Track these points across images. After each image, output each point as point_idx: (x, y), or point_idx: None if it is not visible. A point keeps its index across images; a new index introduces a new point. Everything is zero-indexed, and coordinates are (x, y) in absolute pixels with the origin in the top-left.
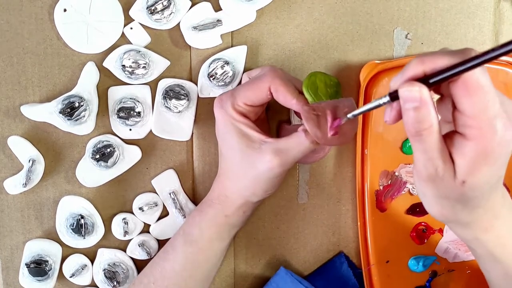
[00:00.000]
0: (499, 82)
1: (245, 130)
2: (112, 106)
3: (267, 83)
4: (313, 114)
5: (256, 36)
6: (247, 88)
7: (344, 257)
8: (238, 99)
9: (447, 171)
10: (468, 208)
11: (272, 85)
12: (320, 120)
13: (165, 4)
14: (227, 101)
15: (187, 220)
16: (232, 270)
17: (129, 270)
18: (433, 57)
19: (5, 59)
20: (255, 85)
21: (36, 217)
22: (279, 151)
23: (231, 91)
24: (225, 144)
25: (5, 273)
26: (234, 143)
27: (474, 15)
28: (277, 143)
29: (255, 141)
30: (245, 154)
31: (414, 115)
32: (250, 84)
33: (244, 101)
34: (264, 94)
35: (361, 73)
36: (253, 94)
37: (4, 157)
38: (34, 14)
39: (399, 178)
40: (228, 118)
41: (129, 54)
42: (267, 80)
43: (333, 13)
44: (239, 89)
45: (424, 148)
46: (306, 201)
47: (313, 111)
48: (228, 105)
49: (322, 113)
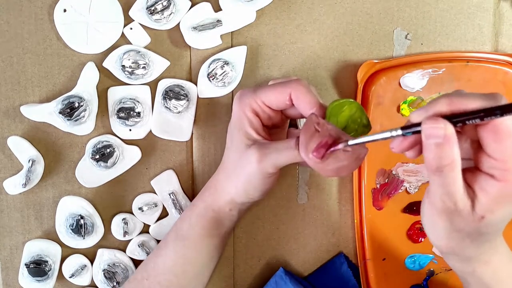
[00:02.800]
0: (498, 81)
1: (245, 126)
2: (112, 107)
3: (289, 88)
4: (314, 126)
5: (256, 37)
6: (269, 88)
7: (344, 257)
8: (258, 96)
9: (466, 205)
10: (477, 243)
11: (294, 91)
12: (315, 136)
13: (165, 4)
14: (248, 95)
15: (181, 214)
16: (231, 271)
17: (129, 271)
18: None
19: (5, 59)
20: (278, 87)
21: (35, 217)
22: (266, 152)
23: (254, 88)
24: (229, 137)
25: (4, 273)
26: (234, 138)
27: (474, 16)
28: (267, 145)
29: (250, 139)
30: (239, 150)
31: (436, 151)
32: (274, 85)
33: (263, 99)
34: (284, 98)
35: (359, 72)
36: (273, 95)
37: (4, 157)
38: (34, 14)
39: (396, 177)
40: (241, 112)
41: (129, 55)
42: (290, 85)
43: (333, 14)
44: (262, 87)
45: (444, 182)
46: (305, 201)
47: (316, 124)
48: (246, 99)
49: (322, 132)
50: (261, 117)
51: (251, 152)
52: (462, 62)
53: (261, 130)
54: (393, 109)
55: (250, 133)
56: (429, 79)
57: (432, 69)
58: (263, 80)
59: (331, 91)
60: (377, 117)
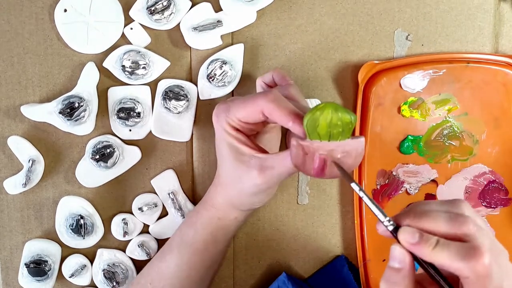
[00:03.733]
0: (498, 83)
1: (235, 144)
2: (112, 107)
3: (259, 107)
4: (300, 151)
5: (256, 37)
6: (241, 106)
7: (344, 259)
8: (232, 114)
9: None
10: None
11: (265, 109)
12: (307, 160)
13: (165, 4)
14: (222, 113)
15: (185, 220)
16: (231, 271)
17: (129, 271)
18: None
19: (6, 59)
20: (248, 105)
21: (35, 217)
22: (265, 167)
23: (228, 104)
24: (219, 152)
25: (4, 273)
26: (225, 154)
27: (474, 17)
28: (265, 159)
29: (245, 155)
30: (234, 166)
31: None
32: (244, 102)
33: (238, 117)
34: (257, 116)
35: (360, 73)
36: (246, 113)
37: (4, 157)
38: (35, 14)
39: (397, 178)
40: (222, 130)
41: (129, 55)
42: (259, 103)
43: (334, 14)
44: (234, 103)
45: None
46: (306, 202)
47: (302, 149)
48: (222, 118)
49: (310, 154)
50: (244, 131)
51: (251, 169)
52: (463, 63)
53: (250, 143)
54: (394, 110)
55: (241, 148)
56: (429, 80)
57: (432, 70)
58: None
59: (331, 92)
60: (378, 118)
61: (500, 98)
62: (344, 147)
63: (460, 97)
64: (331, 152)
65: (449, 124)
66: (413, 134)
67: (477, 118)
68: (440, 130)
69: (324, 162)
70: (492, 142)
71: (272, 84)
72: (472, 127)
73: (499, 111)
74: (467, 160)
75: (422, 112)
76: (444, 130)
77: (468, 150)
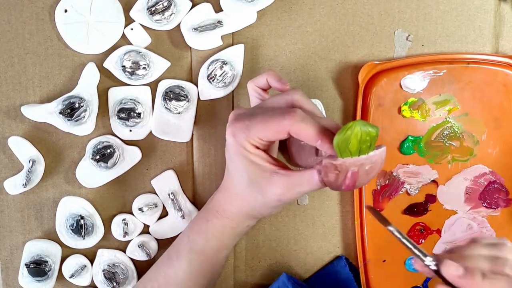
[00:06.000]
0: (499, 83)
1: (255, 159)
2: (112, 107)
3: (285, 128)
4: (334, 171)
5: (256, 37)
6: (263, 127)
7: (345, 260)
8: (253, 134)
9: None
10: None
11: (292, 130)
12: (339, 176)
13: (166, 5)
14: (241, 133)
15: (192, 226)
16: (232, 272)
17: (129, 271)
18: None
19: (6, 59)
20: (272, 126)
21: (36, 218)
22: (292, 185)
23: (247, 123)
24: (233, 165)
25: (4, 273)
26: (242, 169)
27: (474, 17)
28: (288, 177)
29: (266, 171)
30: (253, 181)
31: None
32: (267, 122)
33: (259, 136)
34: (281, 135)
35: (360, 74)
36: (269, 133)
37: (4, 157)
38: (35, 15)
39: (397, 178)
40: (240, 148)
41: (130, 55)
42: (285, 124)
43: (334, 15)
44: (255, 123)
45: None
46: (306, 203)
47: (335, 168)
48: (241, 137)
49: (343, 172)
50: (263, 149)
51: (273, 185)
52: (463, 63)
53: (270, 159)
54: (394, 111)
55: (263, 165)
56: (430, 80)
57: (433, 71)
58: None
59: (332, 92)
60: (378, 118)
61: (501, 99)
62: (371, 159)
63: (460, 98)
64: (361, 166)
65: (449, 124)
66: (414, 134)
67: (478, 119)
68: (440, 130)
69: (356, 176)
70: (493, 143)
71: (266, 87)
72: (472, 127)
73: (500, 112)
74: (467, 161)
75: (422, 113)
76: (444, 131)
77: (468, 150)
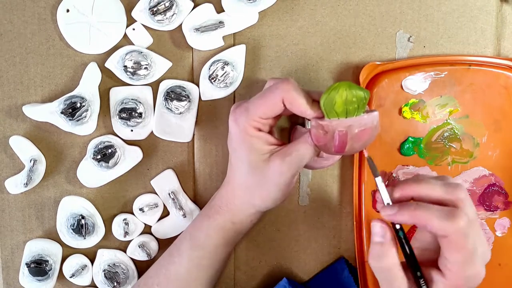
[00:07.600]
0: (500, 86)
1: (256, 144)
2: (114, 107)
3: (279, 96)
4: (321, 131)
5: (258, 38)
6: (260, 103)
7: (345, 262)
8: (252, 113)
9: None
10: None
11: (286, 97)
12: (327, 138)
13: (168, 5)
14: (241, 116)
15: (193, 223)
16: (232, 272)
17: (129, 271)
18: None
19: (8, 59)
20: (268, 99)
21: (37, 217)
22: (287, 154)
23: (245, 105)
24: (235, 155)
25: (5, 273)
26: (244, 157)
27: (476, 19)
28: (284, 149)
29: (265, 154)
30: (254, 167)
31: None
32: (263, 97)
33: (259, 115)
34: (278, 107)
35: (361, 74)
36: (267, 108)
37: (6, 156)
38: (37, 14)
39: (397, 179)
40: (242, 133)
41: (131, 55)
42: (280, 92)
43: (336, 16)
44: (253, 103)
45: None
46: (307, 203)
47: (322, 128)
48: (242, 121)
49: (330, 132)
50: (264, 129)
51: (273, 163)
52: (464, 65)
53: (272, 139)
54: (395, 112)
55: (263, 148)
56: (431, 82)
57: (434, 72)
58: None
59: None
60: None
61: (502, 101)
62: (360, 122)
63: (461, 100)
64: (349, 128)
65: (450, 126)
66: (414, 135)
67: (478, 121)
68: (440, 132)
69: (345, 138)
70: (493, 145)
71: None
72: (473, 129)
73: (500, 114)
74: (467, 163)
75: (423, 114)
76: (444, 133)
77: (468, 152)
